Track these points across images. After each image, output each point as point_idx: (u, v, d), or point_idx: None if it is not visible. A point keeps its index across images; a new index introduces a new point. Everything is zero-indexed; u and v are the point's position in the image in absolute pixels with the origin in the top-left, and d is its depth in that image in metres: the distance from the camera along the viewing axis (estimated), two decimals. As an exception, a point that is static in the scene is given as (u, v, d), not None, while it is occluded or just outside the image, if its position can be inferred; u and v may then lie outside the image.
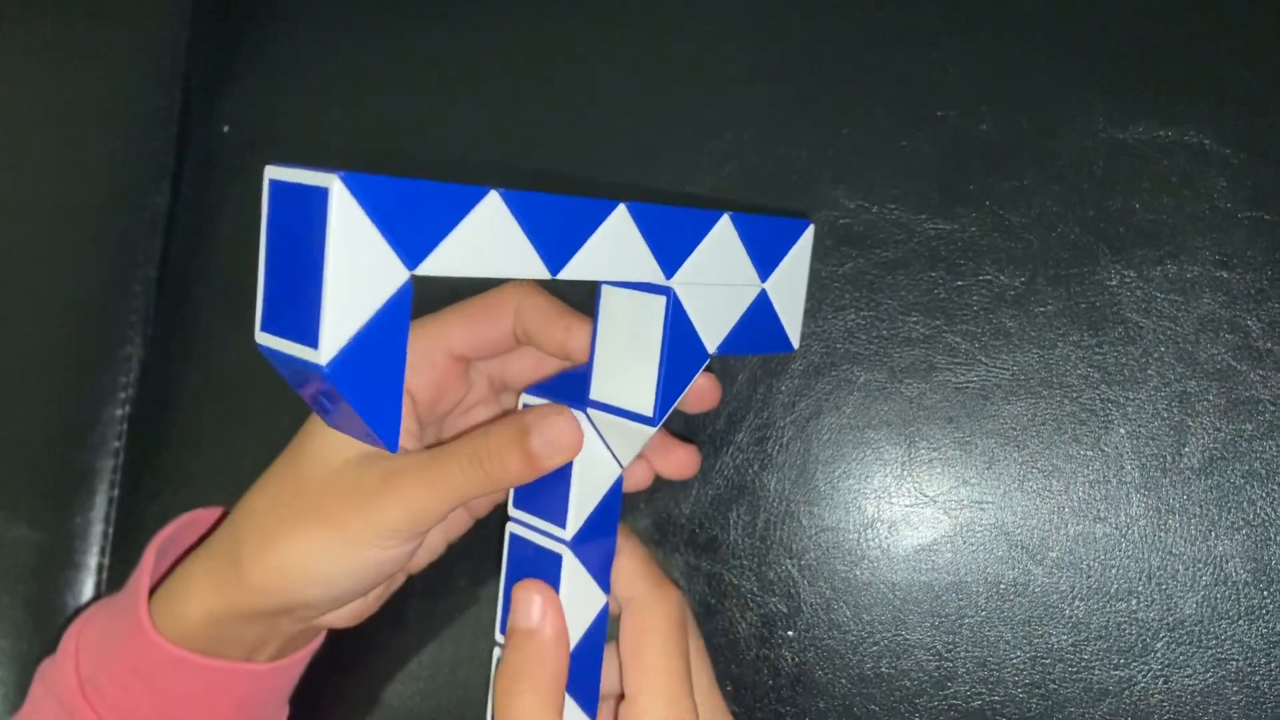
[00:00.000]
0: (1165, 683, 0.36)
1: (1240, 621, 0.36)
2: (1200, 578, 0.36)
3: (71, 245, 0.50)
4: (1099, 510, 0.37)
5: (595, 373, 0.33)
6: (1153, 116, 0.38)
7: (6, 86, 0.52)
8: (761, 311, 0.35)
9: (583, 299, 0.36)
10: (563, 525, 0.32)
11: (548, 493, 0.33)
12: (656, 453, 0.37)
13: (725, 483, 0.40)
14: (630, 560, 0.34)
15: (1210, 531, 0.36)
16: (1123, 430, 0.37)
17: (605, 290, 0.33)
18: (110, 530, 0.48)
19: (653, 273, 0.31)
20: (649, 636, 0.32)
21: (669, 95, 0.43)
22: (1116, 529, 0.37)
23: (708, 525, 0.40)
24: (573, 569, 0.33)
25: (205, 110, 0.51)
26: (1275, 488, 0.36)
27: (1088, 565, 0.37)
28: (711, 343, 0.33)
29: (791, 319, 0.36)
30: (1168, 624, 0.36)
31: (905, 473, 0.39)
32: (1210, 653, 0.36)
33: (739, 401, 0.40)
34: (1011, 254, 0.39)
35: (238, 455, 0.46)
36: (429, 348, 0.35)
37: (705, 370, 0.34)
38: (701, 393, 0.35)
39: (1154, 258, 0.37)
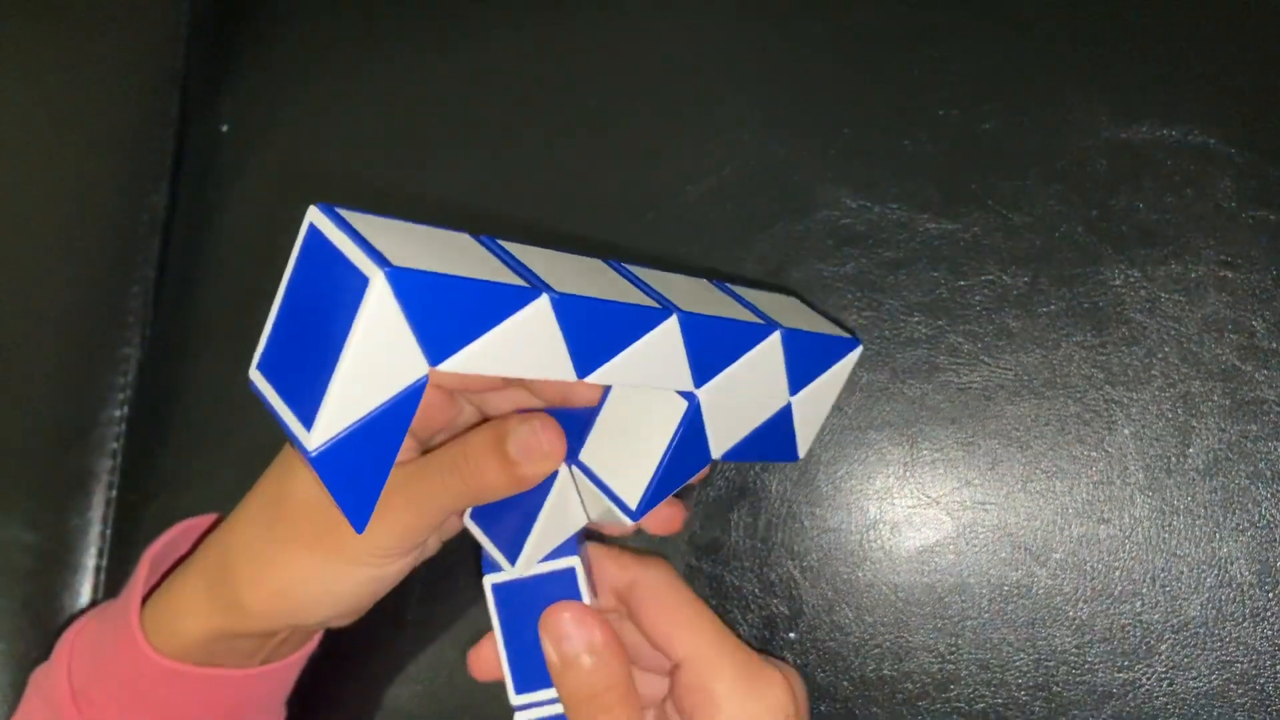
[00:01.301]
0: (1170, 685, 0.36)
1: (1245, 623, 0.35)
2: (1205, 579, 0.36)
3: (69, 245, 0.50)
4: (1103, 512, 0.37)
5: (593, 436, 0.31)
6: (1156, 115, 0.38)
7: (5, 86, 0.52)
8: (779, 423, 0.33)
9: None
10: (512, 561, 0.32)
11: (510, 521, 0.32)
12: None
13: (726, 484, 0.40)
14: (608, 558, 0.34)
15: (1215, 533, 0.36)
16: (1127, 431, 0.37)
17: (610, 392, 0.32)
18: (108, 532, 0.48)
19: (684, 381, 0.29)
20: (670, 597, 0.32)
21: (668, 96, 0.43)
22: (1120, 530, 0.36)
23: (709, 527, 0.40)
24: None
25: (204, 110, 0.51)
26: (1280, 489, 0.36)
27: (1091, 567, 0.37)
28: (718, 449, 0.32)
29: (806, 432, 0.35)
30: (1172, 626, 0.36)
31: (908, 474, 0.38)
32: (1215, 655, 0.36)
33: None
34: (1014, 254, 0.38)
35: (236, 457, 0.45)
36: None
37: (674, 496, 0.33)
38: (660, 520, 0.34)
39: (1158, 257, 0.37)
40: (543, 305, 0.24)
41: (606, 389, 0.31)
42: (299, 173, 0.31)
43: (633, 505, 0.30)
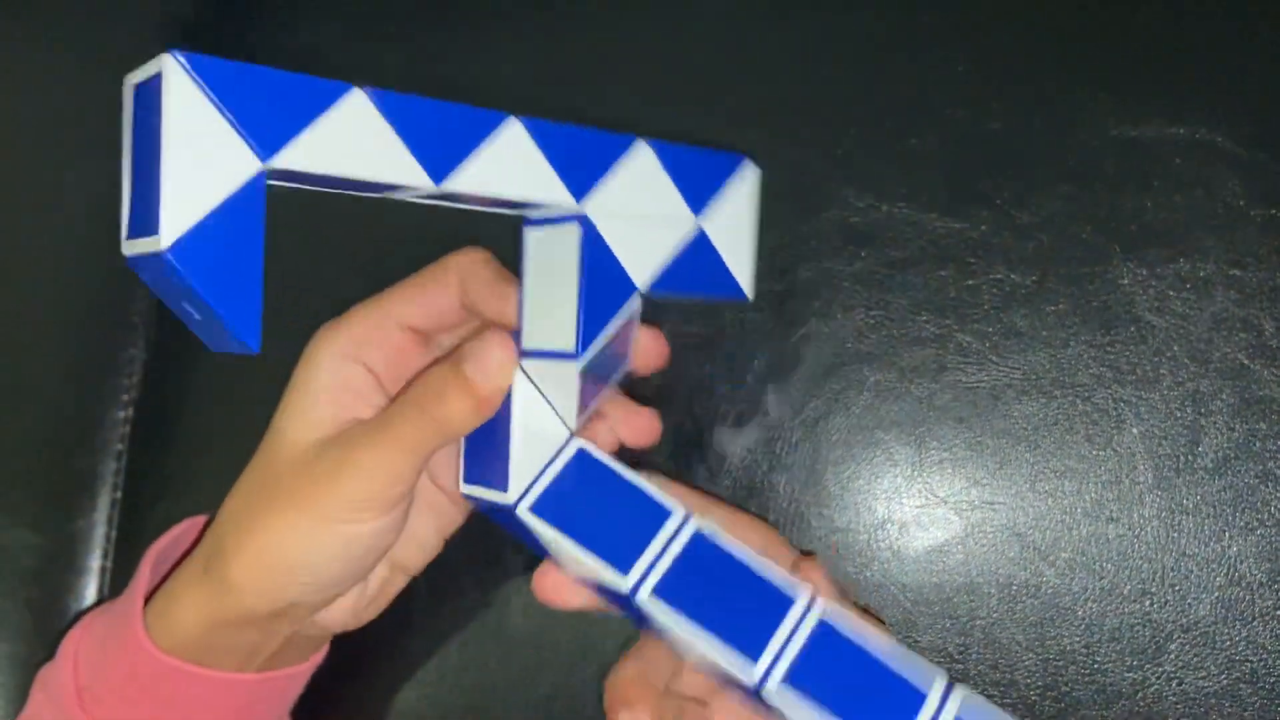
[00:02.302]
0: (1179, 685, 0.36)
1: (1255, 623, 0.35)
2: (1214, 579, 0.36)
3: (73, 246, 0.50)
4: (1111, 511, 0.37)
5: (525, 323, 0.31)
6: (1164, 114, 0.38)
7: (5, 87, 0.52)
8: (701, 251, 0.33)
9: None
10: (504, 489, 0.31)
11: (495, 458, 0.31)
12: (618, 420, 0.35)
13: (734, 484, 0.40)
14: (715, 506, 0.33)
15: (1224, 532, 0.36)
16: (1135, 430, 0.37)
17: (527, 234, 0.32)
18: (113, 534, 0.48)
19: (560, 194, 0.29)
20: (755, 530, 0.32)
21: (676, 95, 0.43)
22: (1129, 530, 0.36)
23: (716, 527, 0.40)
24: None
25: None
26: (1290, 488, 0.36)
27: (1100, 566, 0.37)
28: (640, 277, 0.31)
29: (739, 263, 0.34)
30: (1181, 625, 0.36)
31: (916, 473, 0.38)
32: (1224, 654, 0.35)
33: (748, 403, 0.40)
34: (1022, 253, 0.38)
35: (241, 459, 0.45)
36: (380, 321, 0.34)
37: (648, 326, 0.33)
38: (645, 350, 0.34)
39: (1166, 256, 0.37)
40: (359, 99, 0.25)
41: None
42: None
43: (570, 346, 0.30)
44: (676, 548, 0.30)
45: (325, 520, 0.31)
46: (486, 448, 0.32)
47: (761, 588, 0.29)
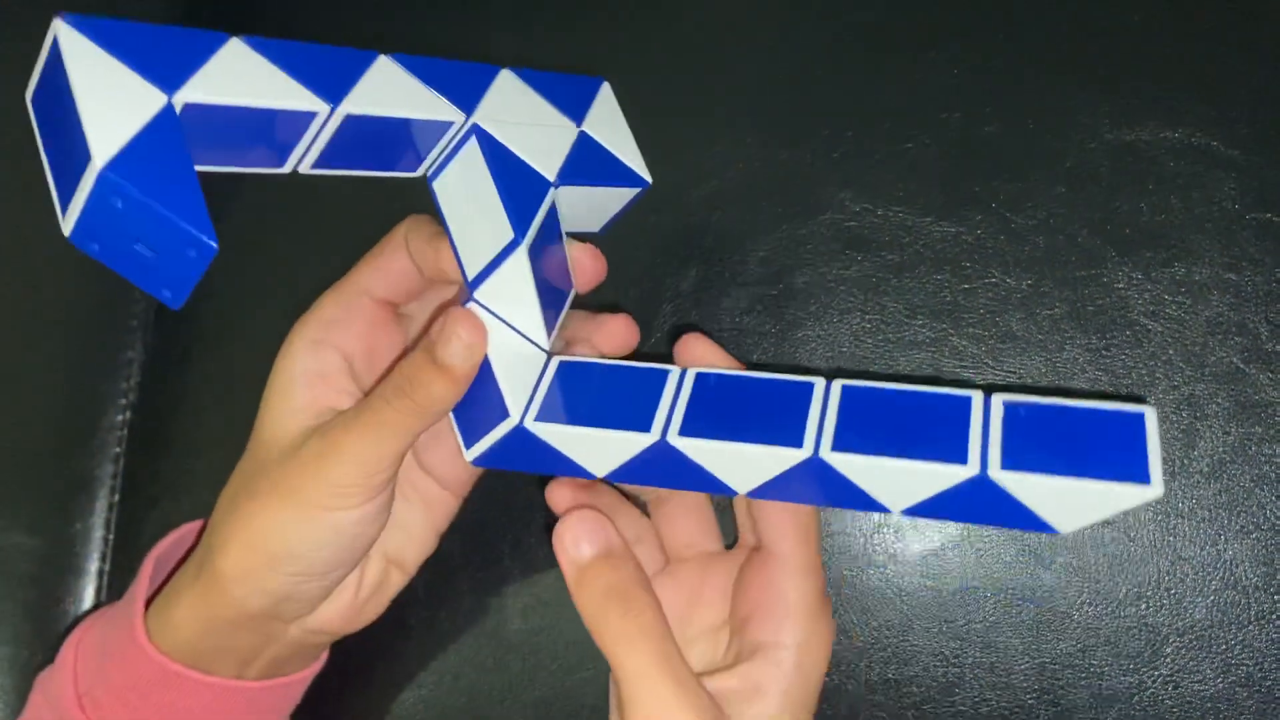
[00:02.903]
0: (1175, 688, 0.36)
1: (1251, 626, 0.35)
2: (1210, 582, 0.36)
3: (71, 250, 0.50)
4: (1107, 514, 0.37)
5: (463, 258, 0.32)
6: (1159, 118, 0.38)
7: (4, 90, 0.52)
8: (590, 149, 0.34)
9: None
10: (505, 415, 0.31)
11: (482, 404, 0.32)
12: (593, 334, 0.36)
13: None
14: None
15: (1220, 535, 0.36)
16: (1131, 434, 0.37)
17: (434, 187, 0.33)
18: (110, 537, 0.48)
19: (449, 111, 0.31)
20: None
21: (672, 99, 0.43)
22: (1125, 533, 0.36)
23: (713, 530, 0.40)
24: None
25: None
26: (1285, 491, 0.36)
27: (1096, 570, 0.37)
28: (549, 172, 0.33)
29: (629, 156, 0.36)
30: (1177, 629, 0.36)
31: (912, 477, 0.38)
32: (1220, 658, 0.36)
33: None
34: (1018, 256, 0.38)
35: (239, 461, 0.45)
36: (348, 300, 0.35)
37: (582, 242, 0.34)
38: (582, 265, 0.35)
39: (1161, 260, 0.37)
40: (237, 45, 0.28)
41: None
42: (299, 178, 0.31)
43: (509, 234, 0.31)
44: (685, 393, 0.30)
45: (310, 507, 0.32)
46: (475, 402, 0.32)
47: (775, 389, 0.30)
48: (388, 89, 0.30)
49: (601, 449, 0.31)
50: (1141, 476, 0.25)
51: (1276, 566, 0.35)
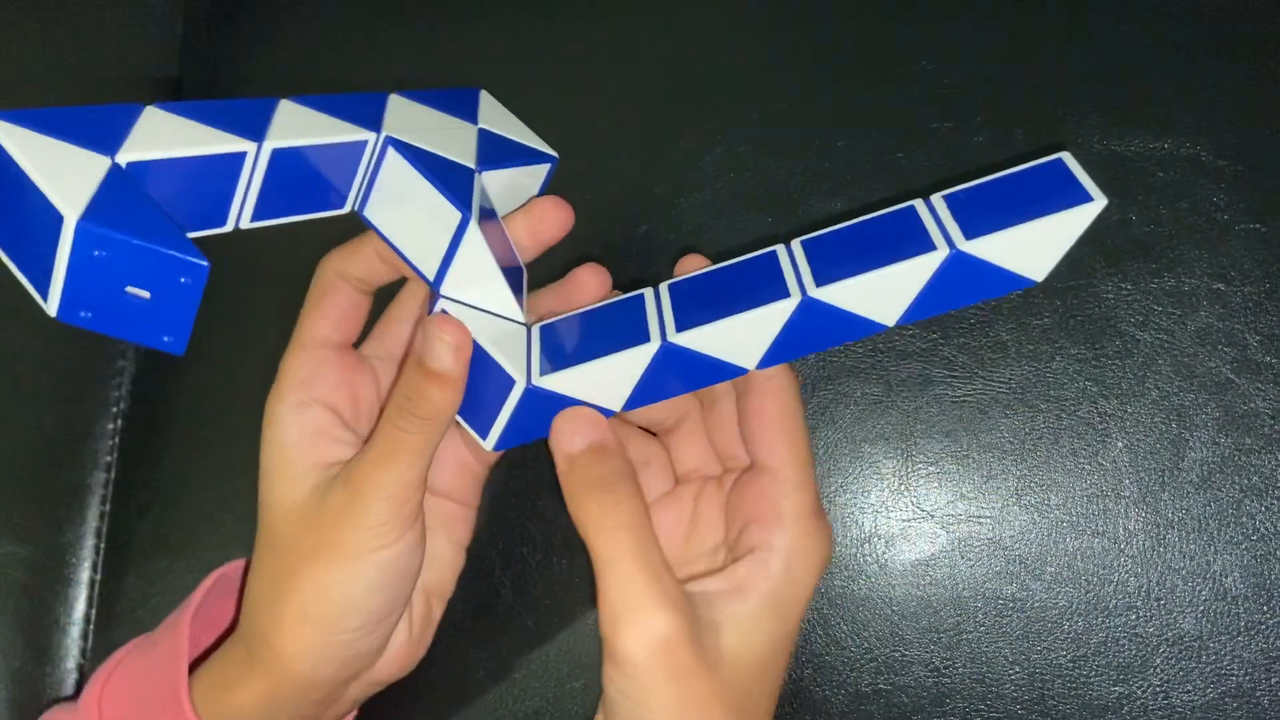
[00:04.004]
0: (1165, 699, 0.36)
1: (1240, 637, 0.35)
2: (1199, 592, 0.36)
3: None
4: (1097, 524, 0.37)
5: (418, 265, 0.33)
6: (1148, 128, 0.38)
7: (4, 87, 0.52)
8: (493, 140, 0.36)
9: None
10: (514, 381, 0.32)
11: (486, 387, 0.32)
12: (566, 292, 0.36)
13: (721, 497, 0.40)
14: None
15: (1209, 546, 0.36)
16: (1120, 444, 0.37)
17: (367, 214, 0.34)
18: (102, 546, 0.48)
19: (359, 132, 0.32)
20: (789, 406, 0.33)
21: (663, 108, 0.43)
22: (1115, 543, 0.36)
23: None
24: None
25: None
26: (1274, 502, 0.36)
27: (1086, 580, 0.37)
28: (467, 161, 0.34)
29: (529, 139, 0.37)
30: (1167, 639, 0.36)
31: (902, 487, 0.38)
32: (1210, 668, 0.36)
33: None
34: (1008, 267, 0.38)
35: (231, 470, 0.45)
36: (310, 354, 0.35)
37: (550, 197, 0.35)
38: (549, 216, 0.35)
39: (1150, 270, 0.37)
40: (152, 112, 0.29)
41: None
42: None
43: (457, 217, 0.32)
44: (666, 301, 0.32)
45: (355, 556, 0.31)
46: (478, 390, 0.32)
47: (744, 267, 0.31)
48: (300, 124, 0.31)
49: (612, 377, 0.32)
50: (1083, 197, 0.27)
51: (1266, 577, 0.35)
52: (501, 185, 0.36)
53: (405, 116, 0.34)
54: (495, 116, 0.38)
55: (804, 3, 0.43)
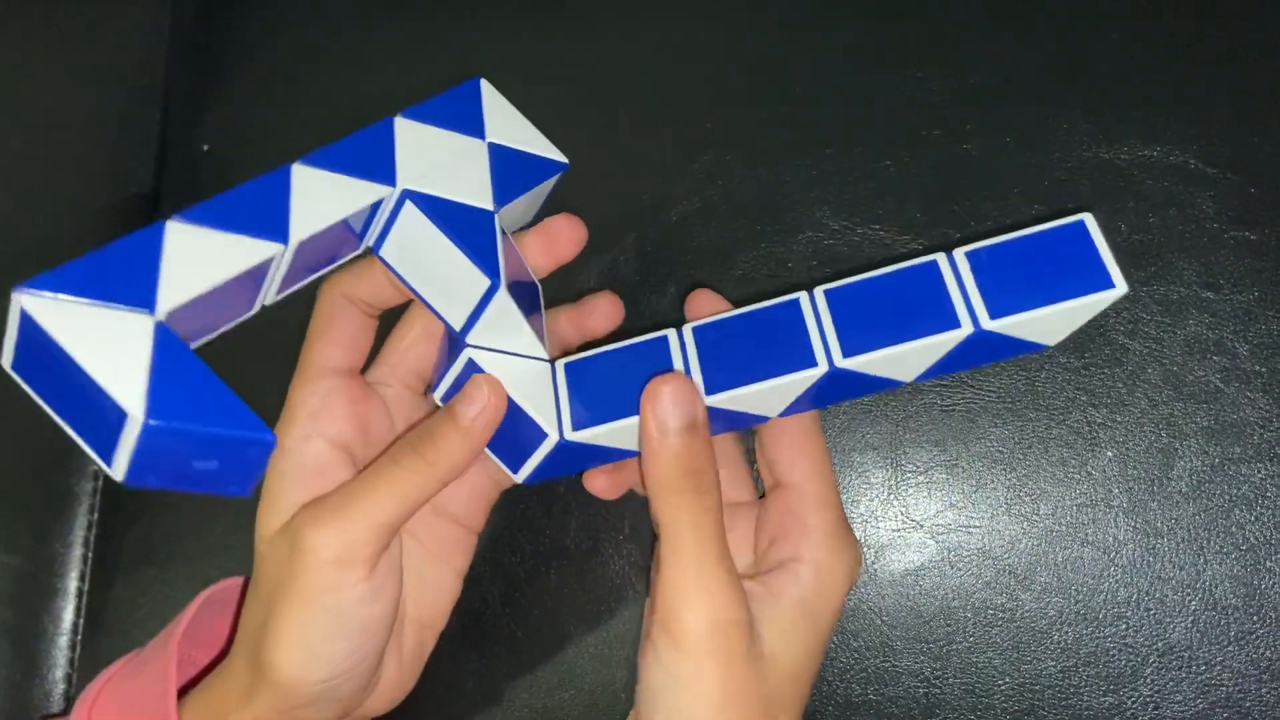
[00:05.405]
0: (1155, 709, 0.36)
1: (1230, 646, 0.35)
2: (1189, 602, 0.36)
3: (49, 266, 0.50)
4: (1086, 534, 0.37)
5: (441, 313, 0.33)
6: (1138, 136, 0.38)
7: (3, 86, 0.52)
8: (504, 155, 0.35)
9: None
10: (546, 435, 0.32)
11: (517, 433, 0.32)
12: (582, 319, 0.36)
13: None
14: None
15: (1199, 556, 0.36)
16: (1110, 453, 0.37)
17: (383, 255, 0.33)
18: (90, 555, 0.48)
19: (376, 189, 0.31)
20: (809, 425, 0.34)
21: (652, 115, 0.43)
22: (1104, 553, 0.36)
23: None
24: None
25: (185, 129, 0.50)
26: (1264, 511, 0.35)
27: (1075, 590, 0.36)
28: (485, 203, 0.33)
29: (537, 145, 0.36)
30: (1157, 649, 0.36)
31: (892, 496, 0.38)
32: (1200, 678, 0.35)
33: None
34: (997, 275, 0.38)
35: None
36: (317, 383, 0.34)
37: (565, 216, 0.35)
38: (564, 235, 0.35)
39: (1140, 278, 0.37)
40: (176, 226, 0.28)
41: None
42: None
43: (485, 283, 0.31)
44: (692, 350, 0.32)
45: (334, 589, 0.31)
46: (509, 434, 0.33)
47: (768, 317, 0.32)
48: (318, 198, 0.30)
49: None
50: (1106, 283, 0.28)
51: (1255, 587, 0.35)
52: (514, 204, 0.35)
53: (415, 148, 0.33)
54: (500, 118, 0.36)
55: (792, 11, 0.43)
